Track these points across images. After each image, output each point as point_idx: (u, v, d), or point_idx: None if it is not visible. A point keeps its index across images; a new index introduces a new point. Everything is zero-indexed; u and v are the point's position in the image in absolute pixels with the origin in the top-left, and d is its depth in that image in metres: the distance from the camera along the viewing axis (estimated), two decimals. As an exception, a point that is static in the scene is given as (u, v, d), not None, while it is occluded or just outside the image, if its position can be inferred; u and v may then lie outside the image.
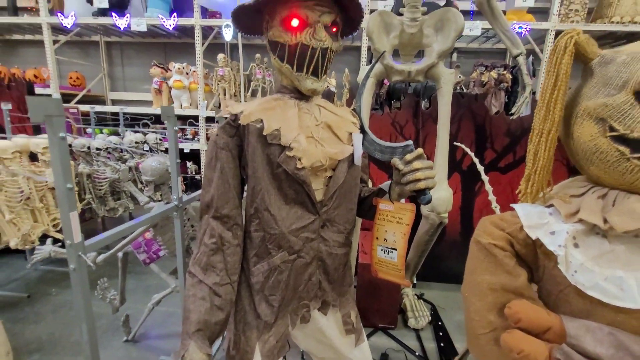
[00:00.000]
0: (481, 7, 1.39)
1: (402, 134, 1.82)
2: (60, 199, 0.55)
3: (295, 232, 0.75)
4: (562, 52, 0.53)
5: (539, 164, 0.59)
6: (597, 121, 0.52)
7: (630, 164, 0.50)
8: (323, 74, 0.73)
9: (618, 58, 0.51)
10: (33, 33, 3.69)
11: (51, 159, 0.55)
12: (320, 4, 0.68)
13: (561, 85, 0.54)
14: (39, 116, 0.51)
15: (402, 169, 0.71)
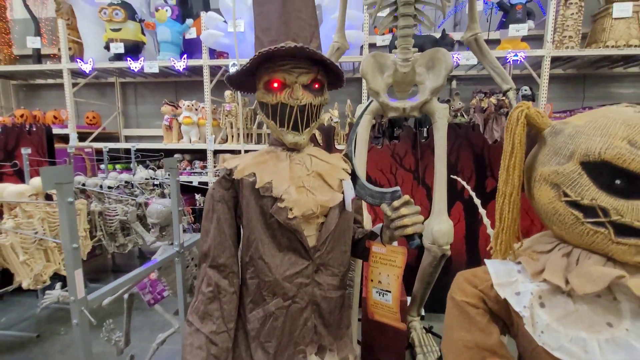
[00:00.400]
0: (470, 46, 1.46)
1: (402, 164, 1.85)
2: (67, 258, 0.60)
3: (289, 278, 0.77)
4: (515, 124, 0.57)
5: (504, 223, 0.61)
6: (553, 186, 0.55)
7: (585, 227, 0.52)
8: (305, 128, 0.78)
9: (565, 130, 0.55)
10: (54, 77, 3.95)
11: (60, 221, 0.60)
12: (297, 66, 0.74)
13: (517, 152, 0.58)
14: (50, 184, 0.56)
15: (390, 215, 0.74)
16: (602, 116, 0.52)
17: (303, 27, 0.76)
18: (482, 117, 3.02)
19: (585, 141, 0.51)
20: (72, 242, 0.58)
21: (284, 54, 0.73)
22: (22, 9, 3.86)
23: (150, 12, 3.58)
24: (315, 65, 0.75)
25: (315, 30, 0.78)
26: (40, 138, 2.32)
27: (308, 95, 0.76)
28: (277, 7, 0.74)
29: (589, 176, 0.51)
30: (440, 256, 1.45)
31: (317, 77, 0.76)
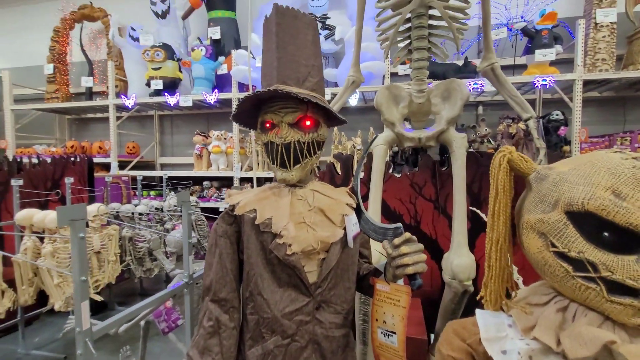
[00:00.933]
0: (487, 76, 1.44)
1: (422, 194, 1.80)
2: (75, 290, 0.64)
3: (289, 315, 0.76)
4: (497, 169, 0.55)
5: (493, 271, 0.57)
6: (540, 235, 0.51)
7: (576, 282, 0.48)
8: (294, 164, 0.79)
9: (550, 176, 0.52)
10: (102, 112, 4.37)
11: (72, 254, 0.65)
12: (284, 106, 0.78)
13: (501, 198, 0.55)
14: (65, 220, 0.61)
15: (391, 252, 0.72)
16: (587, 163, 0.48)
17: (295, 69, 0.79)
18: (511, 144, 2.91)
19: (568, 190, 0.48)
20: (81, 275, 0.62)
21: (268, 97, 0.78)
22: (80, 53, 4.38)
23: (187, 51, 3.91)
24: (303, 103, 0.78)
25: (313, 69, 0.81)
26: (82, 168, 2.54)
27: (295, 133, 0.78)
28: (272, 54, 0.80)
29: (575, 227, 0.47)
30: (462, 292, 1.36)
31: (307, 115, 0.79)
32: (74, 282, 0.62)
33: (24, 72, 4.73)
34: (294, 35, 0.79)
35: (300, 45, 0.79)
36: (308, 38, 0.81)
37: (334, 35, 3.29)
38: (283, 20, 0.79)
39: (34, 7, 4.91)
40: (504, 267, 0.58)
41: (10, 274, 1.82)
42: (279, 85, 0.78)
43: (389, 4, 1.32)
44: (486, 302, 0.61)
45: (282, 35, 0.79)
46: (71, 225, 0.61)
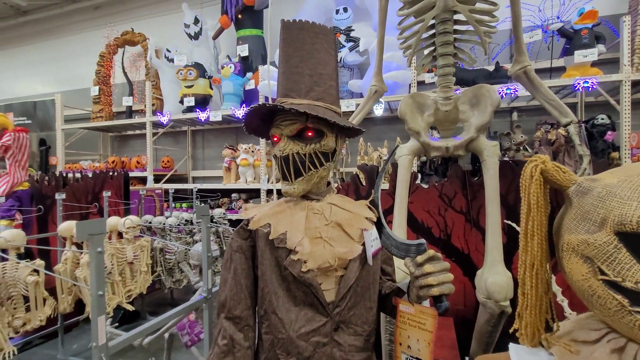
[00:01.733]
0: (519, 80, 1.36)
1: (452, 205, 1.71)
2: (92, 305, 0.65)
3: (305, 336, 0.72)
4: (529, 182, 0.47)
5: (528, 301, 0.49)
6: (585, 259, 0.43)
7: (634, 318, 0.39)
8: (296, 177, 0.77)
9: (594, 189, 0.44)
10: (140, 129, 4.65)
11: (90, 269, 0.66)
12: (285, 118, 0.77)
13: (534, 215, 0.48)
14: (84, 235, 0.63)
15: (413, 271, 0.66)
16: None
17: (298, 81, 0.78)
18: (551, 151, 2.71)
19: (618, 206, 0.40)
20: (99, 289, 0.63)
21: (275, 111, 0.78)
22: (121, 75, 4.73)
23: (217, 69, 4.08)
24: (302, 115, 0.75)
25: (318, 79, 0.78)
26: (119, 182, 2.69)
27: (294, 145, 0.76)
28: (280, 69, 0.80)
29: (629, 250, 0.39)
30: (498, 314, 1.25)
31: (307, 125, 0.76)
32: (92, 296, 0.64)
33: (73, 95, 5.17)
34: (298, 47, 0.78)
35: (305, 56, 0.78)
36: (316, 47, 0.79)
37: (359, 47, 3.29)
38: (288, 34, 0.79)
39: (82, 35, 5.39)
40: (542, 296, 0.49)
41: (52, 282, 1.94)
42: (282, 99, 0.78)
43: (412, 10, 1.29)
44: (521, 336, 0.53)
45: (286, 49, 0.79)
46: (90, 239, 0.63)
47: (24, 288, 1.62)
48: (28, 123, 4.96)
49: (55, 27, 5.58)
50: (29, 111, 5.00)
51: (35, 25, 5.70)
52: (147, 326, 0.83)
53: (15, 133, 2.34)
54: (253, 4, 3.69)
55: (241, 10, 3.75)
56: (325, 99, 0.79)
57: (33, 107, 4.98)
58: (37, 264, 1.63)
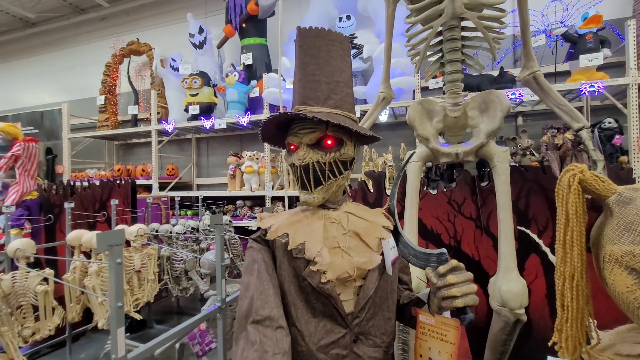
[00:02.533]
0: (529, 85, 1.35)
1: (461, 212, 1.70)
2: (112, 316, 0.64)
3: (324, 348, 0.70)
4: (566, 192, 0.46)
5: (569, 313, 0.47)
6: (630, 271, 0.42)
7: None
8: (316, 186, 0.76)
9: (637, 199, 0.43)
10: (145, 137, 4.67)
11: (109, 280, 0.66)
12: (303, 127, 0.76)
13: (574, 226, 0.46)
14: (104, 246, 0.63)
15: (435, 282, 0.65)
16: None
17: (315, 89, 0.77)
18: (558, 155, 2.70)
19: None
20: (118, 301, 0.63)
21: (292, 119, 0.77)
22: (127, 85, 4.78)
23: (222, 77, 4.12)
24: (322, 123, 0.75)
25: (335, 87, 0.78)
26: (126, 190, 2.70)
27: (314, 154, 0.75)
28: (296, 77, 0.80)
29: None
30: (513, 322, 1.24)
31: (327, 134, 0.76)
32: (110, 308, 0.63)
33: (80, 104, 5.23)
34: (315, 54, 0.78)
35: (322, 64, 0.77)
36: (331, 55, 0.79)
37: (362, 54, 3.31)
38: (304, 42, 0.79)
39: (89, 46, 5.47)
40: (582, 308, 0.48)
41: (60, 291, 1.93)
42: (299, 107, 0.77)
43: (419, 18, 1.29)
44: (561, 350, 0.51)
45: (302, 57, 0.78)
46: (110, 250, 0.63)
47: (33, 297, 1.62)
48: (35, 132, 5.01)
49: (62, 38, 5.67)
50: (36, 121, 5.06)
51: (42, 36, 5.79)
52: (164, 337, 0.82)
53: (25, 143, 2.36)
54: (257, 13, 3.73)
55: (245, 20, 3.79)
56: (343, 107, 0.79)
57: (40, 117, 5.03)
58: (46, 272, 1.63)
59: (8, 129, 2.37)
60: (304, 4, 4.04)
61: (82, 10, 5.34)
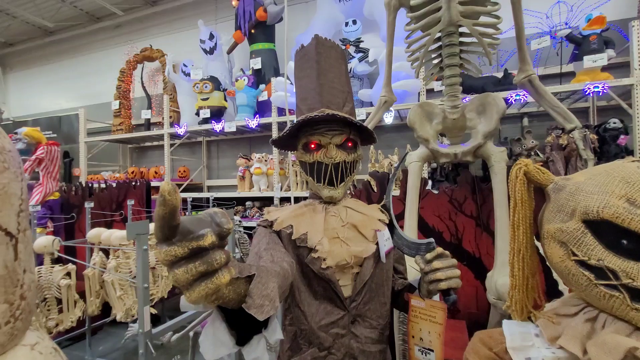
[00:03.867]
0: (525, 88, 1.41)
1: (462, 210, 1.75)
2: (139, 296, 0.73)
3: (325, 327, 0.78)
4: (514, 181, 0.55)
5: (516, 281, 0.55)
6: (560, 244, 0.50)
7: (599, 290, 0.46)
8: (340, 183, 0.84)
9: (567, 186, 0.51)
10: (158, 140, 4.83)
11: (136, 264, 0.74)
12: (331, 129, 0.83)
13: (519, 209, 0.55)
14: (132, 235, 0.71)
15: (423, 268, 0.72)
16: (602, 172, 0.48)
17: (335, 94, 0.85)
18: (562, 155, 2.71)
19: (584, 199, 0.48)
20: (144, 282, 0.71)
21: (319, 120, 0.82)
22: (140, 90, 4.95)
23: (232, 81, 4.24)
24: (347, 126, 0.83)
25: (348, 96, 0.88)
26: (142, 191, 2.83)
27: (341, 153, 0.83)
28: (312, 80, 0.86)
29: (593, 235, 0.46)
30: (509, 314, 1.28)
31: (350, 137, 0.84)
32: (138, 289, 0.72)
33: (95, 109, 5.43)
34: (333, 64, 0.86)
35: (337, 73, 0.86)
36: (342, 68, 0.88)
37: (368, 58, 3.38)
38: (323, 50, 0.86)
39: (104, 53, 5.68)
40: (528, 277, 0.57)
41: (81, 286, 2.05)
42: (325, 110, 0.83)
43: (419, 25, 1.36)
44: (512, 312, 0.61)
45: (323, 63, 0.85)
46: (137, 239, 0.71)
47: (57, 291, 1.74)
48: (54, 137, 5.22)
49: (79, 46, 5.90)
50: (54, 125, 5.27)
51: (60, 44, 6.04)
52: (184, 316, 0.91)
53: (48, 146, 2.50)
54: (265, 19, 3.84)
55: (254, 26, 3.91)
56: (353, 116, 0.87)
57: (58, 122, 5.25)
58: (69, 268, 1.74)
59: (32, 133, 2.52)
60: (311, 10, 4.14)
61: (97, 19, 5.56)
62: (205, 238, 0.37)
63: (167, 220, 0.36)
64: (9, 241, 0.43)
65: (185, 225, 0.38)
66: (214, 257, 0.38)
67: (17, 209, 0.43)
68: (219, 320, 0.48)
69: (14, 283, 0.43)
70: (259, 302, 0.47)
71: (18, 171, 0.46)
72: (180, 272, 0.37)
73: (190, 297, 0.38)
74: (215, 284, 0.39)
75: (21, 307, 0.44)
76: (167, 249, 0.37)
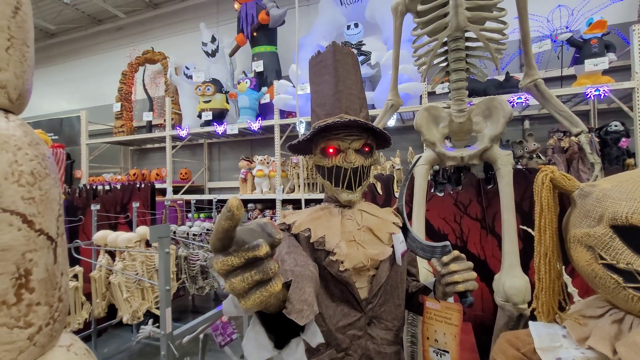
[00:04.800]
0: (530, 92, 1.42)
1: (467, 213, 1.76)
2: (161, 298, 0.74)
3: (342, 329, 0.79)
4: (540, 187, 0.56)
5: (543, 284, 0.57)
6: (588, 248, 0.52)
7: (628, 292, 0.47)
8: (358, 187, 0.85)
9: (593, 193, 0.53)
10: (159, 142, 4.84)
11: (159, 267, 0.76)
12: (350, 133, 0.84)
13: (545, 214, 0.56)
14: (155, 238, 0.72)
15: (440, 270, 0.74)
16: (629, 179, 0.49)
17: (353, 100, 0.87)
18: (564, 158, 2.74)
19: (612, 205, 0.49)
20: (166, 285, 0.72)
21: (339, 125, 0.84)
22: (142, 92, 4.96)
23: (234, 84, 4.26)
24: (365, 132, 0.85)
25: (364, 102, 0.90)
26: (146, 193, 2.83)
27: (360, 158, 0.85)
28: (331, 86, 0.87)
29: (621, 239, 0.48)
30: (517, 316, 1.30)
31: (367, 142, 0.86)
32: (160, 291, 0.73)
33: (97, 111, 5.44)
34: (349, 70, 0.88)
35: (354, 80, 0.88)
36: (358, 74, 0.90)
37: (370, 60, 3.41)
38: (341, 57, 0.87)
39: (105, 55, 5.69)
40: (554, 280, 0.58)
41: (87, 288, 2.05)
42: (344, 115, 0.84)
43: (426, 31, 1.38)
44: (538, 314, 0.62)
45: (341, 70, 0.87)
46: (159, 242, 0.73)
47: (64, 293, 1.74)
48: (55, 138, 5.22)
49: (81, 48, 5.91)
50: (55, 127, 5.27)
51: (62, 46, 6.05)
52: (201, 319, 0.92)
53: (53, 149, 2.51)
54: (268, 22, 3.86)
55: (256, 29, 3.93)
56: (368, 120, 0.89)
57: (60, 124, 5.25)
58: (76, 270, 1.75)
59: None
60: (313, 13, 4.16)
61: (99, 22, 5.57)
62: (260, 248, 0.39)
63: (229, 232, 0.38)
64: (50, 245, 0.44)
65: (240, 236, 0.40)
66: (269, 267, 0.40)
67: (56, 213, 0.44)
68: (259, 325, 0.49)
69: (53, 286, 0.44)
70: (299, 307, 0.48)
71: (57, 177, 0.47)
72: (237, 280, 0.39)
73: (246, 304, 0.40)
74: (269, 291, 0.40)
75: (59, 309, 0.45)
76: (224, 259, 0.39)
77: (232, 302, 0.49)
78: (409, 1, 1.40)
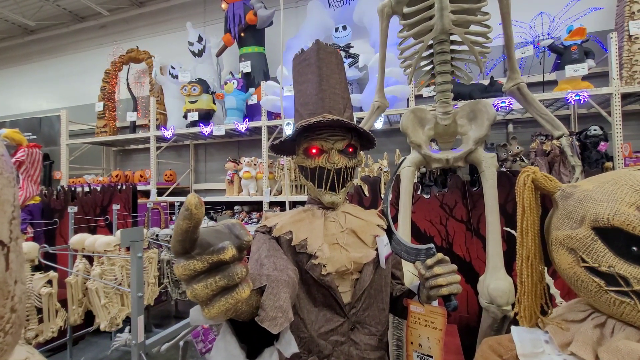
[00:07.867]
0: (514, 95, 1.44)
1: (453, 215, 1.77)
2: (133, 305, 0.70)
3: (324, 335, 0.77)
4: (522, 189, 0.56)
5: (525, 287, 0.56)
6: (570, 250, 0.51)
7: (609, 296, 0.47)
8: (341, 188, 0.83)
9: (575, 194, 0.53)
10: (144, 143, 4.72)
11: (130, 271, 0.72)
12: (333, 134, 0.82)
13: (527, 216, 0.56)
14: (127, 241, 0.69)
15: (424, 273, 0.72)
16: (610, 181, 0.49)
17: (337, 100, 0.85)
18: (546, 161, 2.80)
19: (593, 206, 0.49)
20: (138, 291, 0.68)
21: (322, 125, 0.82)
22: (126, 91, 4.84)
23: (220, 84, 4.20)
24: (349, 132, 0.83)
25: (348, 102, 0.88)
26: (127, 195, 2.75)
27: (343, 159, 0.83)
28: (314, 85, 0.85)
29: (603, 241, 0.47)
30: (501, 318, 1.30)
31: (351, 142, 0.84)
32: (132, 298, 0.69)
33: (78, 110, 5.27)
34: (333, 69, 0.86)
35: (338, 80, 0.86)
36: (342, 74, 0.88)
37: (358, 63, 3.42)
38: (324, 55, 0.85)
39: (88, 53, 5.54)
40: (536, 283, 0.57)
41: (63, 294, 1.97)
42: (327, 115, 0.82)
43: (411, 33, 1.38)
44: (521, 319, 0.61)
45: (325, 69, 0.85)
46: (131, 245, 0.69)
47: (37, 299, 1.66)
48: (33, 138, 5.03)
49: (62, 46, 5.73)
50: (34, 127, 5.08)
51: (41, 43, 5.85)
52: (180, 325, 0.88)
53: (29, 149, 2.41)
54: (255, 23, 3.83)
55: (244, 29, 3.89)
56: (352, 120, 0.87)
57: (38, 123, 5.06)
58: (50, 275, 1.67)
59: (12, 135, 2.42)
60: (301, 15, 4.16)
61: (81, 19, 5.42)
62: (226, 251, 0.36)
63: (190, 234, 0.35)
64: (1, 250, 0.40)
65: (204, 238, 0.37)
66: (235, 271, 0.37)
67: (9, 216, 0.40)
68: (229, 334, 0.46)
69: (4, 295, 0.40)
70: (272, 314, 0.45)
71: (11, 176, 0.44)
72: (200, 287, 0.36)
73: (210, 312, 0.37)
74: (235, 298, 0.37)
75: (11, 321, 0.42)
76: (185, 263, 0.36)
77: (199, 310, 0.45)
78: (395, 3, 1.40)
